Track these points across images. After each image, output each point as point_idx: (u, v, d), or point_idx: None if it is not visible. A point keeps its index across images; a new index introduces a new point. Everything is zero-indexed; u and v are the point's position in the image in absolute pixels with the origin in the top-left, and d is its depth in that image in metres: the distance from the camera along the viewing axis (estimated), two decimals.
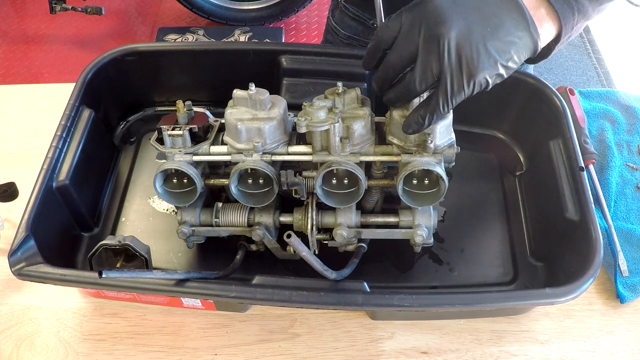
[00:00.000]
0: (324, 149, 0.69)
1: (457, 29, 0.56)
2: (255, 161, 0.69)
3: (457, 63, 0.57)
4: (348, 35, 1.05)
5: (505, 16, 0.57)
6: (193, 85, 0.93)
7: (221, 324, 0.74)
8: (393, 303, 0.62)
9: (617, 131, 0.95)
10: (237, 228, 0.73)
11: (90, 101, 0.83)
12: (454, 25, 0.56)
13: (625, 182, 0.88)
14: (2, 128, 0.96)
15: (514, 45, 0.58)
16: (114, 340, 0.73)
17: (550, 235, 0.76)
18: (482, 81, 0.58)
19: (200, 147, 0.71)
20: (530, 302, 0.66)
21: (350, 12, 1.02)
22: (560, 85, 0.95)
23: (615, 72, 2.42)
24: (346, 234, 0.71)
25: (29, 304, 0.76)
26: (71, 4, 2.33)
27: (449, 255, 0.79)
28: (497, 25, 0.57)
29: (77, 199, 0.77)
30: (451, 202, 0.83)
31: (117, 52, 0.87)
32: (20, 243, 0.66)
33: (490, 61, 0.57)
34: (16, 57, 2.45)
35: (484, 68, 0.57)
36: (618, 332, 0.74)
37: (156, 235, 0.81)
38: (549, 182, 0.77)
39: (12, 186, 0.81)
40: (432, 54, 0.57)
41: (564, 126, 0.78)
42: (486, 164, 0.89)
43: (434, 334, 0.73)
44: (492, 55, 0.57)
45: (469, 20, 0.56)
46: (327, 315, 0.75)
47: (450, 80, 0.57)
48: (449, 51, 0.56)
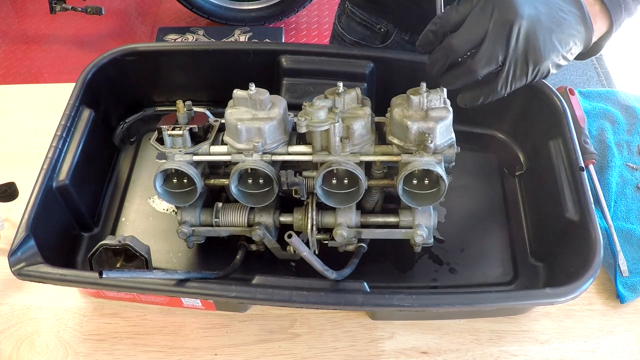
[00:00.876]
0: (324, 149, 0.69)
1: (529, 18, 0.59)
2: (255, 161, 0.69)
3: (523, 50, 0.59)
4: (355, 40, 1.05)
5: (568, 10, 0.61)
6: (193, 85, 0.93)
7: (221, 324, 0.74)
8: (393, 303, 0.62)
9: (617, 131, 0.95)
10: (237, 228, 0.73)
11: (90, 101, 0.83)
12: (525, 14, 0.58)
13: (625, 182, 0.88)
14: (2, 128, 0.96)
15: (573, 38, 0.61)
16: (114, 340, 0.73)
17: (550, 235, 0.76)
18: (544, 70, 0.61)
19: (200, 147, 0.71)
20: (530, 302, 0.66)
21: (358, 17, 1.02)
22: (560, 85, 0.95)
23: (615, 72, 2.42)
24: (346, 234, 0.71)
25: (29, 304, 0.76)
26: (71, 4, 2.33)
27: (449, 255, 0.79)
28: (562, 18, 0.60)
29: (77, 199, 0.77)
30: (451, 202, 0.83)
31: (117, 52, 0.87)
32: (20, 243, 0.66)
33: (555, 51, 0.60)
34: (16, 57, 2.45)
35: (547, 57, 0.60)
36: (618, 332, 0.74)
37: (156, 235, 0.81)
38: (549, 182, 0.77)
39: (12, 186, 0.81)
40: (500, 39, 0.59)
41: (564, 126, 0.78)
42: (486, 164, 0.89)
43: (434, 334, 0.73)
44: (555, 46, 0.60)
45: (538, 11, 0.59)
46: (327, 315, 0.75)
47: (515, 66, 0.60)
48: (517, 38, 0.59)
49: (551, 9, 0.60)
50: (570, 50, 0.61)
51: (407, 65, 0.84)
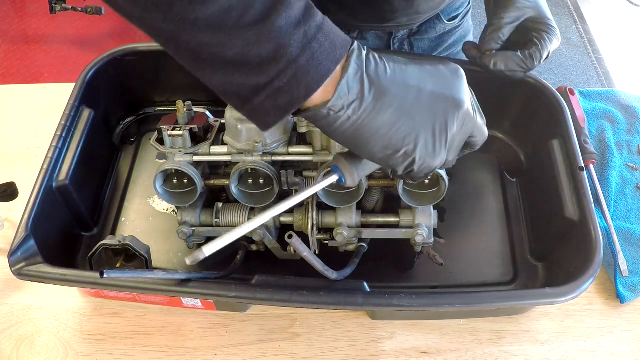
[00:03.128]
0: (325, 149, 0.69)
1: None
2: (255, 161, 0.69)
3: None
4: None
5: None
6: (193, 85, 0.92)
7: (221, 324, 0.74)
8: (393, 303, 0.62)
9: (617, 131, 0.95)
10: None
11: (90, 101, 0.83)
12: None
13: (625, 182, 0.88)
14: (2, 128, 0.96)
15: None
16: (114, 340, 0.73)
17: (550, 235, 0.76)
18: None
19: (201, 147, 0.71)
20: (530, 302, 0.66)
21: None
22: (560, 85, 0.95)
23: (615, 72, 2.42)
24: (347, 233, 0.71)
25: (29, 304, 0.76)
26: (71, 4, 2.33)
27: (449, 255, 0.79)
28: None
29: (77, 199, 0.77)
30: (451, 202, 0.83)
31: (117, 52, 0.87)
32: (20, 243, 0.66)
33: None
34: (16, 57, 2.45)
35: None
36: (618, 332, 0.74)
37: (156, 235, 0.81)
38: (549, 182, 0.77)
39: (12, 186, 0.81)
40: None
41: (564, 126, 0.78)
42: (486, 164, 0.89)
43: (434, 334, 0.73)
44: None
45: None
46: (327, 315, 0.75)
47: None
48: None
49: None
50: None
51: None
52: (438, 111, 0.51)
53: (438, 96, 0.51)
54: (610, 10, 2.79)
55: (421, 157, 0.52)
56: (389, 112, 0.49)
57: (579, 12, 2.74)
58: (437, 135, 0.52)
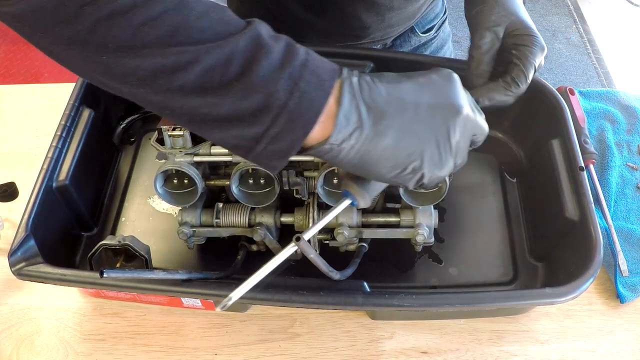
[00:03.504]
0: None
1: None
2: None
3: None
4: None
5: None
6: None
7: (221, 324, 0.74)
8: (393, 303, 0.62)
9: (617, 131, 0.95)
10: (238, 228, 0.73)
11: (90, 101, 0.83)
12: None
13: (625, 182, 0.88)
14: (2, 128, 0.96)
15: None
16: (114, 340, 0.73)
17: (550, 235, 0.76)
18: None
19: (201, 148, 0.71)
20: (530, 302, 0.66)
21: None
22: (560, 85, 0.95)
23: (615, 72, 2.43)
24: (347, 233, 0.71)
25: (29, 304, 0.76)
26: None
27: (449, 255, 0.79)
28: None
29: (77, 199, 0.77)
30: (451, 202, 0.83)
31: None
32: (20, 243, 0.66)
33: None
34: (16, 57, 2.45)
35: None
36: (618, 332, 0.74)
37: (156, 235, 0.81)
38: (548, 182, 0.77)
39: (12, 186, 0.81)
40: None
41: (564, 126, 0.78)
42: (486, 164, 0.89)
43: (434, 334, 0.73)
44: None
45: None
46: (327, 315, 0.75)
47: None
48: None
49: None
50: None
51: (407, 65, 0.84)
52: (438, 122, 0.51)
53: (436, 107, 0.51)
54: (610, 10, 2.80)
55: (429, 170, 0.52)
56: (391, 134, 0.49)
57: (579, 12, 2.74)
58: (442, 146, 0.52)
